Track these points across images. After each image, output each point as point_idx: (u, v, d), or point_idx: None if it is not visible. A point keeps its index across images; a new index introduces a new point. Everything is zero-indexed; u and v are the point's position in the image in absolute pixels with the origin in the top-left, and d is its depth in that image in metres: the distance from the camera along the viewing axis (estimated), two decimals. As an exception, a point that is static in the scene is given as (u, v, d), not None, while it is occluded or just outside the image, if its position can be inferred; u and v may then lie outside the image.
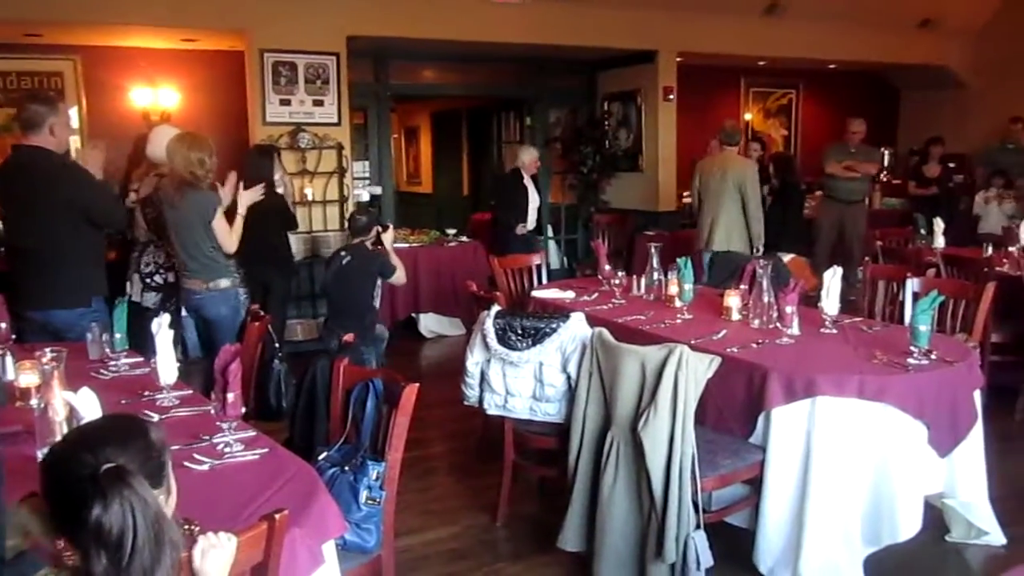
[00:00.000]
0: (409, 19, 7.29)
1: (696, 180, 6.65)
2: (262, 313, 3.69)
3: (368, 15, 7.12)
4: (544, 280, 5.42)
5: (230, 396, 2.44)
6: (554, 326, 3.31)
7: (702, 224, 6.52)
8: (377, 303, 5.35)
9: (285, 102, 6.98)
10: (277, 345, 3.70)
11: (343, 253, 5.15)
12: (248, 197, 4.37)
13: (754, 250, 6.25)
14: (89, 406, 2.22)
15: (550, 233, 9.46)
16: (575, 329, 3.29)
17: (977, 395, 3.25)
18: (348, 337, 4.53)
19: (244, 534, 1.59)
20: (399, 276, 5.21)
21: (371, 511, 2.52)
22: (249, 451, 2.37)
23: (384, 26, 7.23)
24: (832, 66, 10.67)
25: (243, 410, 2.53)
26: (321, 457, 2.66)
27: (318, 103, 7.10)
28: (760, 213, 6.34)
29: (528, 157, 7.49)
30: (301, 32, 6.91)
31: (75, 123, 7.76)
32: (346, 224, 5.28)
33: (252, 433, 2.50)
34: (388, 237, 5.23)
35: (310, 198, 7.11)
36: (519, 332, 3.35)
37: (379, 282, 5.24)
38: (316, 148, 7.11)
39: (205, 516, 1.75)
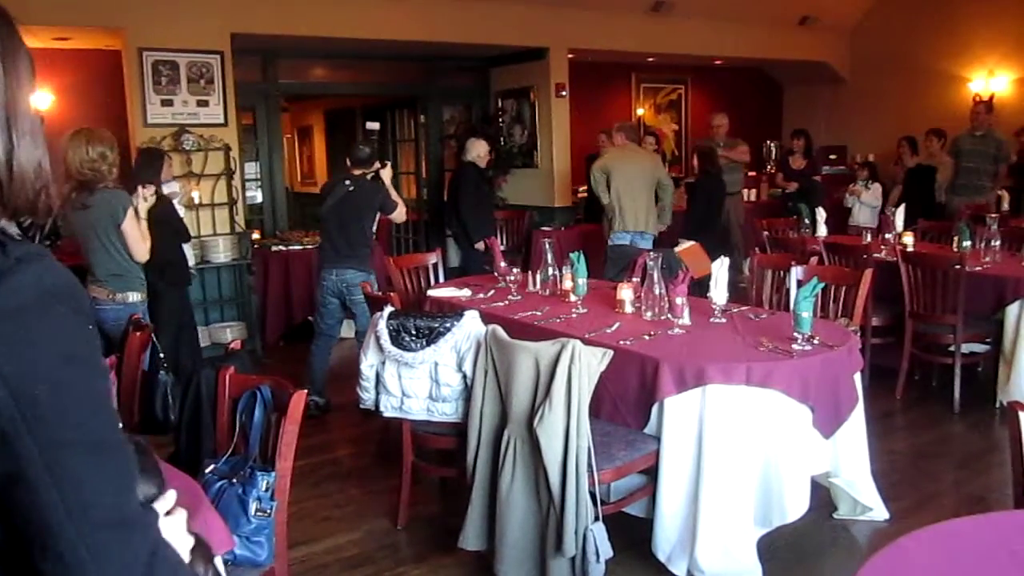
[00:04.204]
0: (295, 16, 7.11)
1: (609, 174, 6.73)
2: (144, 322, 3.54)
3: (252, 12, 6.91)
4: (442, 279, 5.38)
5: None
6: (448, 325, 3.28)
7: (636, 211, 6.73)
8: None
9: (167, 103, 6.71)
10: (162, 356, 3.56)
11: (347, 182, 5.04)
12: (147, 204, 4.16)
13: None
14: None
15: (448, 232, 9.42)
16: (469, 327, 3.27)
17: (858, 377, 3.38)
18: (235, 344, 4.40)
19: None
20: (399, 213, 5.17)
21: (262, 523, 2.43)
22: (128, 468, 2.25)
23: (270, 24, 7.04)
24: (718, 62, 10.96)
25: (120, 426, 2.41)
26: (208, 470, 2.56)
27: (202, 103, 6.85)
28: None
29: (483, 149, 7.15)
30: (182, 30, 6.65)
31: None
32: (347, 158, 5.19)
33: (132, 449, 2.38)
34: (387, 173, 5.17)
35: (197, 201, 6.87)
36: (413, 332, 3.31)
37: (377, 217, 5.16)
38: (202, 150, 6.87)
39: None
